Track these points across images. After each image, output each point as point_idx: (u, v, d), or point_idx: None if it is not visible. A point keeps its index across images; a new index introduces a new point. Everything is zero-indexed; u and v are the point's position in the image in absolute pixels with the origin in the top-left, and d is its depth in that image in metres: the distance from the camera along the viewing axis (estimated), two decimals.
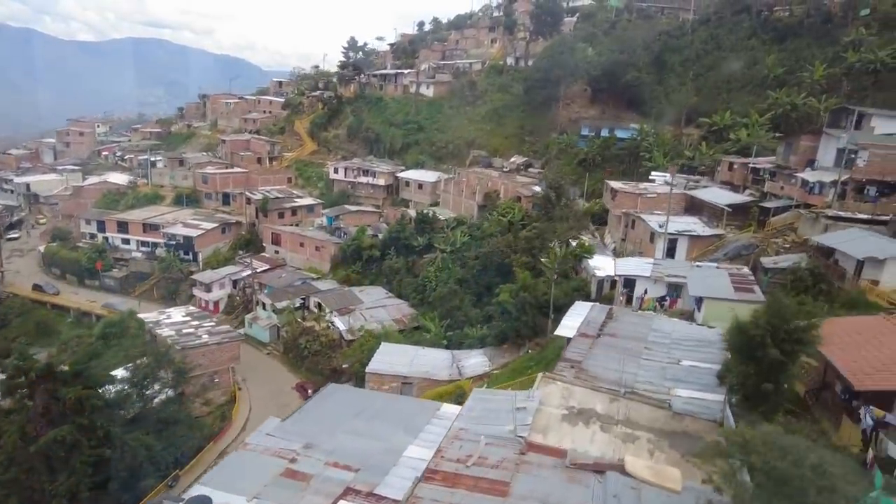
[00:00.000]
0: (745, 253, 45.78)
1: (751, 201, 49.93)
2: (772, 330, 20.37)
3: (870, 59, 72.68)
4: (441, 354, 45.45)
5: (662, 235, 47.90)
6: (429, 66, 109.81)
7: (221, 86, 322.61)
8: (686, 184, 57.08)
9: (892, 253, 33.45)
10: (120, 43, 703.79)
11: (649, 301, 39.46)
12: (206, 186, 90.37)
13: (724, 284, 37.87)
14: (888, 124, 52.66)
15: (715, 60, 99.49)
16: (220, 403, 57.33)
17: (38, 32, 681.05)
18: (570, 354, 30.23)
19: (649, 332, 33.26)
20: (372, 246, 73.78)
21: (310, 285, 72.20)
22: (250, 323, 68.92)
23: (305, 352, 61.75)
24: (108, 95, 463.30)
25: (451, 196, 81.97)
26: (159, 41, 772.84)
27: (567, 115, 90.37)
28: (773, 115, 72.10)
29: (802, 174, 47.79)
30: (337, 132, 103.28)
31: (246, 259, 73.71)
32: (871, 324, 23.97)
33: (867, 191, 45.58)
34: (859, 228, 38.77)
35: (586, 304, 38.27)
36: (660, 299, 39.75)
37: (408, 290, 68.78)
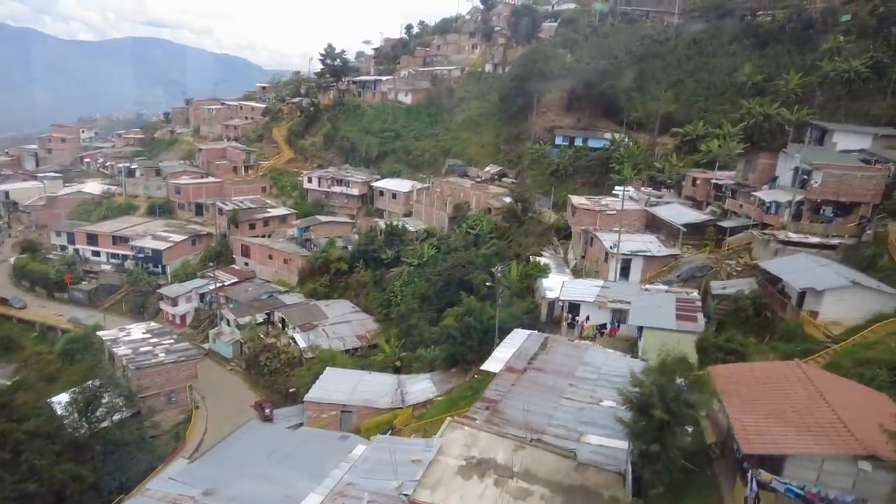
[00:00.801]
0: (698, 275, 44.77)
1: (707, 220, 48.84)
2: (659, 389, 19.45)
3: (844, 68, 71.44)
4: (386, 380, 44.59)
5: (615, 255, 46.95)
6: (408, 73, 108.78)
7: (220, 85, 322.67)
8: (647, 199, 55.97)
9: (830, 284, 32.40)
10: (119, 42, 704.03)
11: (589, 329, 38.51)
12: (180, 197, 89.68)
13: (666, 312, 36.87)
14: (849, 140, 51.71)
15: (696, 66, 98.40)
16: (177, 422, 56.77)
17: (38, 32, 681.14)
18: (489, 393, 29.36)
19: (579, 366, 32.37)
20: (340, 259, 72.94)
21: (276, 299, 71.44)
22: (214, 338, 68.21)
23: (265, 369, 61.00)
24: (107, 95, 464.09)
25: (424, 207, 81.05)
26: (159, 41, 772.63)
27: (543, 124, 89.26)
28: (745, 126, 71.01)
29: (759, 193, 46.71)
30: (314, 140, 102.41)
31: (209, 273, 72.87)
32: (781, 371, 22.96)
33: (823, 211, 44.52)
34: (806, 254, 37.69)
35: (523, 333, 37.39)
36: (600, 327, 38.79)
37: (373, 305, 68.02)
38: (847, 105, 70.73)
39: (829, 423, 19.21)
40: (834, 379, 23.07)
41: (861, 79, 70.69)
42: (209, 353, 68.53)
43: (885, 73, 68.66)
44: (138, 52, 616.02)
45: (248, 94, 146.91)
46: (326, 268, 73.24)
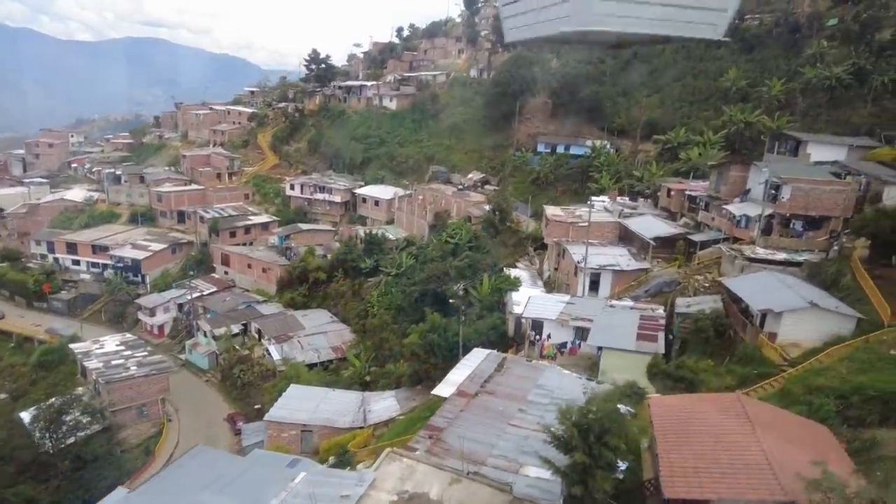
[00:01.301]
0: (666, 290, 44.23)
1: (678, 233, 48.25)
2: (580, 430, 18.90)
3: (825, 75, 70.83)
4: (350, 397, 44.08)
5: (583, 270, 46.42)
6: (394, 78, 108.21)
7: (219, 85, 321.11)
8: (621, 211, 55.39)
9: (788, 305, 31.85)
10: (118, 42, 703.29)
11: (549, 347, 37.96)
12: (162, 205, 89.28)
13: (627, 331, 36.34)
14: (823, 151, 51.21)
15: (682, 71, 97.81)
16: (148, 436, 56.42)
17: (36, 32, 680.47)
18: (435, 420, 28.77)
19: (532, 390, 31.80)
20: (318, 268, 72.42)
21: (253, 309, 71.01)
22: (190, 349, 67.79)
23: (238, 381, 60.59)
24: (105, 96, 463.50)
25: (405, 214, 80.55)
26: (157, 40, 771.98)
27: (526, 130, 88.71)
28: (726, 133, 70.44)
29: (730, 206, 46.14)
30: (298, 146, 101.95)
31: (184, 283, 72.41)
32: (721, 404, 22.37)
33: (793, 225, 43.95)
34: (769, 272, 37.12)
35: (482, 353, 36.83)
36: (560, 345, 38.24)
37: (351, 315, 67.54)
38: (828, 112, 70.12)
39: (757, 465, 18.65)
40: (774, 412, 22.53)
41: (842, 86, 70.10)
42: (185, 364, 68.22)
43: (867, 79, 68.02)
44: (136, 53, 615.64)
45: (238, 98, 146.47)
46: (305, 277, 72.73)
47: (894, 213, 34.35)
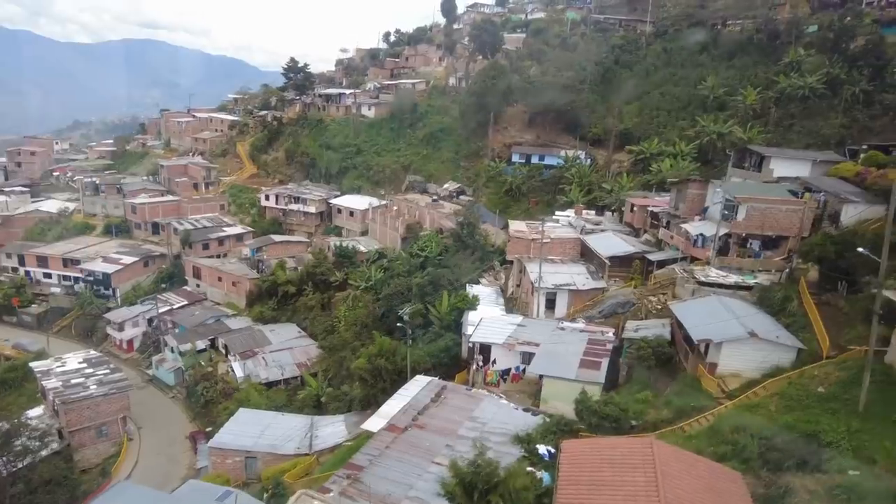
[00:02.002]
0: (620, 311, 43.48)
1: (634, 252, 47.43)
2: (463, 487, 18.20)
3: (799, 84, 70.04)
4: (298, 422, 43.34)
5: (538, 289, 45.71)
6: (374, 86, 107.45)
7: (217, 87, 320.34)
8: (583, 227, 54.58)
9: (727, 335, 31.08)
10: (116, 44, 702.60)
11: (492, 374, 37.20)
12: (136, 216, 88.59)
13: (570, 358, 35.62)
14: (787, 167, 50.44)
15: (663, 78, 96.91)
16: (108, 456, 55.75)
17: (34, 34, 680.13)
18: (357, 458, 28.15)
19: (464, 422, 31.16)
20: (288, 281, 71.71)
21: (221, 324, 70.33)
22: (157, 365, 67.13)
23: (202, 399, 59.88)
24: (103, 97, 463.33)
25: (378, 226, 79.84)
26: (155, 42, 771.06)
27: (503, 140, 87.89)
28: (698, 144, 69.62)
29: (686, 225, 45.36)
30: (276, 155, 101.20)
31: (150, 299, 71.73)
32: (630, 451, 21.59)
33: (750, 244, 43.18)
34: (718, 297, 36.34)
35: (422, 380, 36.22)
36: (503, 372, 37.48)
37: (318, 330, 66.83)
38: (801, 123, 69.24)
39: None
40: (685, 460, 21.73)
41: (816, 95, 69.33)
42: (152, 380, 67.58)
43: (840, 89, 67.18)
44: (134, 54, 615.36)
45: (223, 105, 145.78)
46: (274, 290, 72.05)
47: (840, 238, 33.53)
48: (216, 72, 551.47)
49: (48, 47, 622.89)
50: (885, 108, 62.62)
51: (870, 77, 66.20)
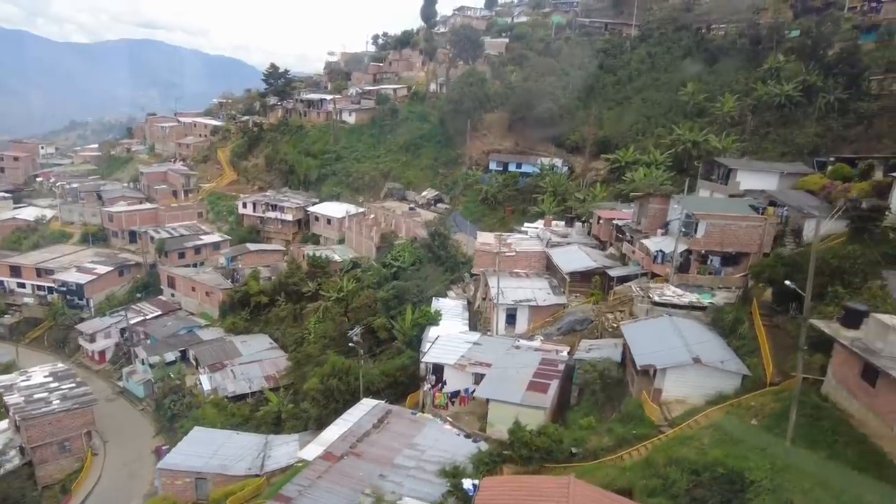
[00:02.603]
0: (578, 328, 42.88)
1: (595, 267, 46.77)
2: None
3: (775, 92, 69.40)
4: (253, 441, 42.76)
5: (497, 305, 45.12)
6: (356, 91, 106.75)
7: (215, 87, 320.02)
8: (549, 239, 53.93)
9: (672, 361, 30.46)
10: (114, 44, 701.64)
11: (440, 396, 36.60)
12: (113, 224, 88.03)
13: (519, 380, 35.00)
14: (753, 179, 49.94)
15: (646, 83, 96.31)
16: (71, 471, 55.14)
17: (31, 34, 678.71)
18: (287, 490, 27.54)
19: (403, 450, 30.59)
20: (260, 292, 71.14)
21: (193, 335, 69.85)
22: (127, 377, 66.59)
23: (168, 412, 59.31)
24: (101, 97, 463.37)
25: (354, 234, 79.28)
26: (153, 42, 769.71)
27: (482, 147, 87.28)
28: (674, 153, 68.93)
29: (646, 240, 44.74)
30: (256, 162, 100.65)
31: (119, 310, 71.14)
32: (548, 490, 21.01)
33: (710, 261, 42.57)
34: (669, 318, 35.72)
35: (368, 403, 35.64)
36: (452, 394, 36.89)
37: (289, 342, 66.25)
38: (777, 131, 68.60)
39: None
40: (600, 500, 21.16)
41: (792, 103, 68.70)
42: (123, 392, 67.05)
43: (815, 97, 66.52)
44: (132, 54, 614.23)
45: (209, 109, 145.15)
46: (247, 301, 71.50)
47: (791, 259, 32.92)
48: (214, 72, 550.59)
49: (45, 47, 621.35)
50: (859, 117, 61.99)
51: (845, 85, 65.51)
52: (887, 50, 68.43)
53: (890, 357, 21.56)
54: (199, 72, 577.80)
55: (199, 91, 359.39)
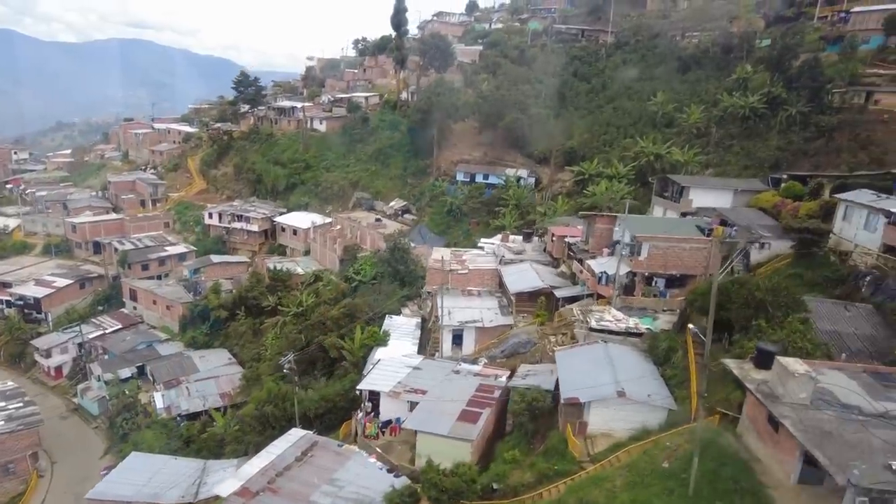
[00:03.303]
0: (521, 351, 42.11)
1: (541, 288, 46.03)
2: None
3: (740, 104, 69.00)
4: (190, 467, 41.77)
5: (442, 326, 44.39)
6: (328, 99, 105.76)
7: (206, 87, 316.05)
8: (502, 256, 53.19)
9: (596, 395, 29.76)
10: (103, 44, 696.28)
11: (371, 426, 35.74)
12: (76, 235, 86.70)
13: (451, 409, 34.23)
14: (706, 197, 49.34)
15: (618, 91, 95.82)
16: (15, 494, 54.02)
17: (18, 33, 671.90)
18: None
19: (322, 486, 29.75)
20: (220, 306, 70.13)
21: (152, 350, 68.77)
22: (81, 394, 65.44)
23: (120, 430, 58.23)
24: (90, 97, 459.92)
25: (318, 246, 78.35)
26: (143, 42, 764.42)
27: (451, 157, 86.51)
28: (637, 166, 68.34)
29: (591, 261, 44.09)
30: (226, 170, 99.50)
31: (73, 326, 69.96)
32: None
33: (655, 283, 41.98)
34: (602, 344, 35.02)
35: (295, 434, 34.77)
36: (383, 424, 36.05)
37: (247, 358, 65.24)
38: (741, 143, 68.15)
39: None
40: None
41: (757, 115, 68.31)
42: (78, 409, 65.90)
43: (779, 110, 66.13)
44: (121, 54, 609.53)
45: (186, 115, 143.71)
46: (207, 315, 70.49)
47: (723, 288, 32.20)
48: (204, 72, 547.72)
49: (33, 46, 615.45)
50: (819, 130, 61.58)
51: (808, 98, 65.15)
52: (850, 62, 68.07)
53: (791, 403, 20.92)
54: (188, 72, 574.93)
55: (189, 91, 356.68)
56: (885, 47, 68.70)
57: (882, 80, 64.18)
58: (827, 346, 27.11)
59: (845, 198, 38.87)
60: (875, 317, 30.91)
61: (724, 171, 64.99)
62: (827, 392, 21.95)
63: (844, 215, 38.90)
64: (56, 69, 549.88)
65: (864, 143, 58.20)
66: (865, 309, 31.55)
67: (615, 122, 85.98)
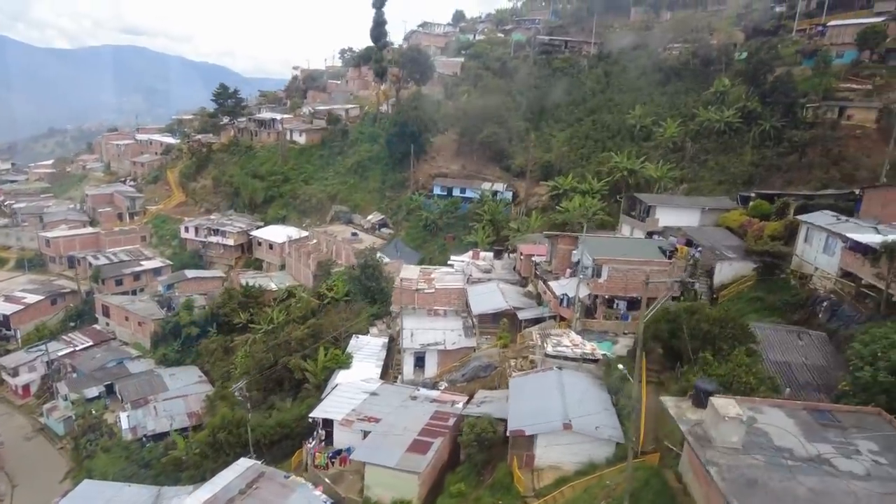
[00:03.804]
0: (482, 375, 41.46)
1: (504, 309, 45.38)
2: None
3: (715, 118, 68.80)
4: (143, 495, 40.65)
5: (406, 350, 43.68)
6: (309, 110, 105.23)
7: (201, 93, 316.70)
8: (469, 275, 52.55)
9: (544, 426, 29.08)
10: (97, 50, 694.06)
11: (320, 456, 34.94)
12: (50, 249, 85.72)
13: (403, 439, 33.49)
14: (673, 216, 48.89)
15: (599, 103, 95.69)
16: None
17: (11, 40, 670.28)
18: None
19: None
20: (192, 322, 69.23)
21: (123, 367, 67.62)
22: (47, 414, 64.29)
23: (84, 452, 57.10)
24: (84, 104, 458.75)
25: (293, 261, 77.56)
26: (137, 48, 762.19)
27: (429, 170, 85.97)
28: (610, 181, 67.85)
29: (553, 282, 43.50)
30: (204, 183, 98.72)
31: (40, 345, 68.86)
32: None
33: (616, 305, 41.40)
34: (556, 371, 34.35)
35: (242, 465, 33.93)
36: (332, 454, 35.25)
37: (217, 376, 64.31)
38: (716, 158, 67.91)
39: None
40: None
41: (732, 130, 68.13)
42: (44, 430, 64.72)
43: (753, 124, 65.94)
44: (116, 60, 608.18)
45: (170, 125, 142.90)
46: (178, 332, 69.56)
47: (675, 316, 31.68)
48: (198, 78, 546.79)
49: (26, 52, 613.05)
50: (793, 145, 61.34)
51: (782, 112, 65.01)
52: (824, 77, 68.01)
53: (722, 447, 20.28)
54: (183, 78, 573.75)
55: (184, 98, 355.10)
56: (858, 62, 68.64)
57: (855, 95, 64.18)
58: (773, 379, 26.48)
59: (806, 219, 38.42)
60: (828, 346, 30.39)
61: (697, 187, 64.72)
62: (762, 433, 21.35)
63: (806, 237, 38.45)
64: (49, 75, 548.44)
65: (836, 158, 58.11)
66: (819, 337, 31.03)
67: (594, 135, 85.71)
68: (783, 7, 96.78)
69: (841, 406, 23.55)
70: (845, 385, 24.69)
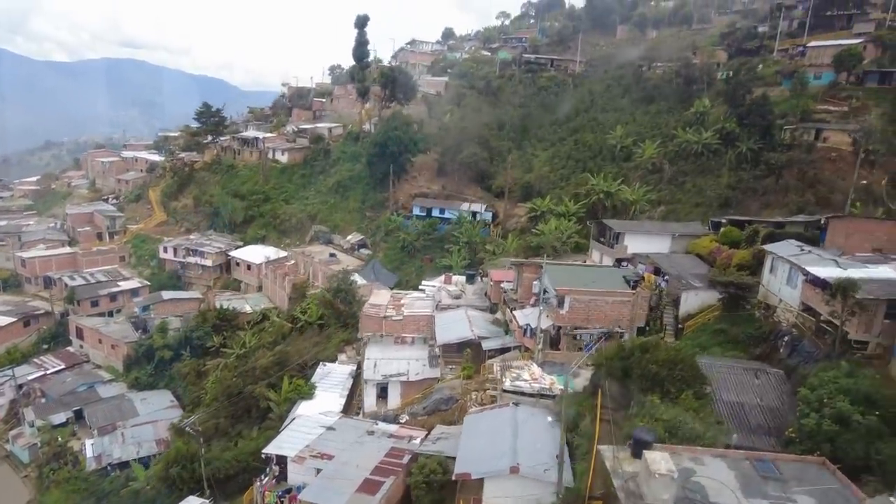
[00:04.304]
0: (443, 408, 40.48)
1: (467, 339, 44.45)
2: None
3: (694, 140, 68.40)
4: None
5: (368, 381, 42.76)
6: (292, 129, 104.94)
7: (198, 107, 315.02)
8: (439, 302, 51.71)
9: (489, 469, 28.13)
10: (95, 63, 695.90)
11: (270, 495, 33.91)
12: (26, 270, 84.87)
13: (355, 478, 32.47)
14: (642, 243, 48.17)
15: (582, 123, 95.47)
16: None
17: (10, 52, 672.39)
18: None
19: None
20: (165, 346, 68.30)
21: (93, 392, 66.64)
22: (13, 440, 63.06)
23: (47, 481, 55.91)
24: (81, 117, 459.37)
25: (270, 282, 76.75)
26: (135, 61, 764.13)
27: (410, 190, 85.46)
28: (587, 203, 67.25)
29: (517, 311, 42.70)
30: (186, 202, 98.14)
31: (6, 370, 67.76)
32: None
33: (580, 336, 40.56)
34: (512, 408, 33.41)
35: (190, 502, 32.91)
36: (282, 493, 34.21)
37: (188, 401, 63.25)
38: (693, 180, 67.46)
39: None
40: None
41: (711, 151, 67.74)
42: (9, 457, 63.45)
43: (731, 146, 65.52)
44: (113, 73, 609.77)
45: (158, 142, 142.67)
46: (152, 355, 68.60)
47: (628, 354, 30.83)
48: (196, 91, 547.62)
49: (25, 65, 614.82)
50: (769, 168, 60.87)
51: (759, 134, 64.61)
52: (801, 98, 67.79)
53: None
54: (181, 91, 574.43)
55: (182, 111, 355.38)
56: (835, 83, 68.41)
57: (832, 117, 63.90)
58: (721, 424, 25.61)
59: (771, 249, 37.73)
60: (784, 385, 29.55)
61: (675, 210, 64.20)
62: (698, 488, 20.46)
63: (771, 267, 37.72)
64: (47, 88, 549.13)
65: (812, 181, 57.72)
66: (776, 376, 30.20)
67: (575, 155, 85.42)
68: (766, 27, 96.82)
69: (785, 455, 22.72)
70: (791, 432, 23.85)
